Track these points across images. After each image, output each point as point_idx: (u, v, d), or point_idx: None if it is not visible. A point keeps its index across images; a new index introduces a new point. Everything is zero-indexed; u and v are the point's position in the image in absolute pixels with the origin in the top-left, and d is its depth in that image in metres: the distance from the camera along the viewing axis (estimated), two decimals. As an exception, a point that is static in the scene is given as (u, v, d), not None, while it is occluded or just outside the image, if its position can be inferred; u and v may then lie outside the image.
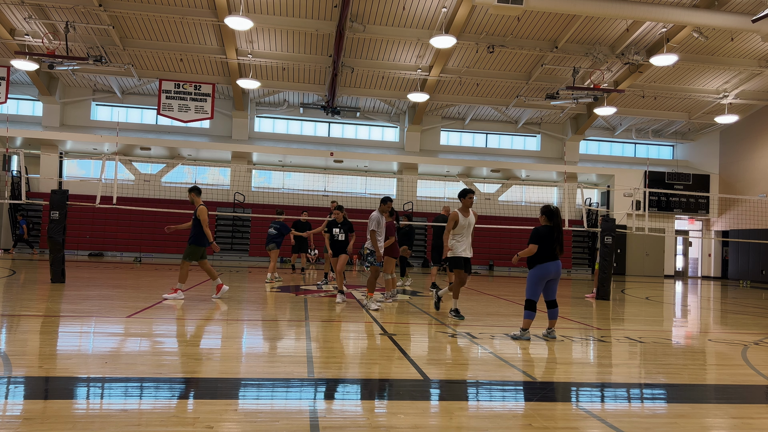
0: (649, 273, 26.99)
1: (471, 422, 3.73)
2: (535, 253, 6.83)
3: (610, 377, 5.23)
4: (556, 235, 6.89)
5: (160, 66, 22.86)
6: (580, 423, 3.81)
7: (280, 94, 25.84)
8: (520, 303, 11.22)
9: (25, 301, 8.57)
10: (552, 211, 6.99)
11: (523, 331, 6.85)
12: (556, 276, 6.91)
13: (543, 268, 6.82)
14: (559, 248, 6.88)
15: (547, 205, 7.12)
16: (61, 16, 19.48)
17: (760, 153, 25.63)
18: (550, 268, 6.82)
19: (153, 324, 6.98)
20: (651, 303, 13.00)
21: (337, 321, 7.88)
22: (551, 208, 7.03)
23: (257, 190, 26.59)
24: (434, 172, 27.66)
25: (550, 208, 7.01)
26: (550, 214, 6.98)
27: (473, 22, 19.53)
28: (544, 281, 6.89)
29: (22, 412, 3.59)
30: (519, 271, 25.15)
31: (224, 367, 4.94)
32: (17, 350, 5.24)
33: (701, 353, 6.60)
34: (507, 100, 25.05)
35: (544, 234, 6.88)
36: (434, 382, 4.72)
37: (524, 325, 6.86)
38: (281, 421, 3.58)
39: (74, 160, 25.77)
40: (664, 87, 23.78)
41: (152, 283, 12.33)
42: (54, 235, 11.19)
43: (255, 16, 19.01)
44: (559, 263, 6.90)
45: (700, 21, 17.22)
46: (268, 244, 13.30)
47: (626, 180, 26.05)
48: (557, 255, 6.87)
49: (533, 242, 6.87)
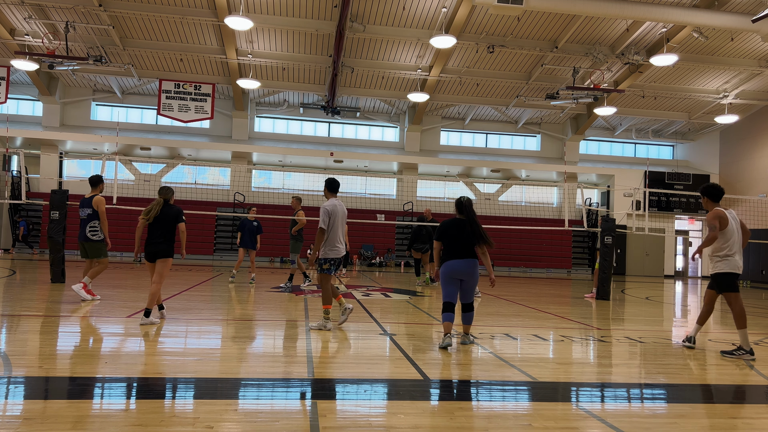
0: (649, 273, 26.99)
1: (471, 422, 3.73)
2: (442, 249, 6.17)
3: (610, 377, 5.23)
4: (469, 229, 6.08)
5: (160, 66, 22.86)
6: (580, 423, 3.81)
7: (280, 94, 25.84)
8: (520, 303, 11.23)
9: (25, 301, 8.57)
10: (462, 203, 6.23)
11: (443, 336, 6.07)
12: (466, 276, 6.08)
13: (447, 266, 6.09)
14: (482, 242, 6.12)
15: (459, 197, 6.36)
16: (61, 16, 19.48)
17: (760, 153, 25.63)
18: (455, 266, 6.05)
19: (153, 324, 6.97)
20: (651, 303, 13.00)
21: (336, 321, 7.87)
22: (461, 200, 6.26)
23: (257, 190, 26.60)
24: (434, 172, 27.67)
25: (461, 200, 6.26)
26: (461, 207, 6.24)
27: (473, 22, 19.53)
28: (453, 280, 6.10)
29: (22, 412, 3.59)
30: (519, 270, 25.15)
31: (224, 367, 4.93)
32: (17, 350, 5.24)
33: (701, 353, 6.60)
34: (507, 100, 25.05)
35: (445, 228, 6.18)
36: (434, 382, 4.72)
37: (443, 328, 6.11)
38: (281, 421, 3.58)
39: (74, 160, 25.77)
40: (664, 87, 23.78)
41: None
42: (54, 235, 11.19)
43: (255, 16, 19.01)
44: (468, 261, 6.06)
45: (700, 21, 17.22)
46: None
47: (626, 180, 26.05)
48: (469, 252, 6.07)
49: (435, 238, 6.26)
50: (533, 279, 20.76)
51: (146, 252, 7.09)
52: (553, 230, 25.04)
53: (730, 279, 6.53)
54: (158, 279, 6.98)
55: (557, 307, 10.81)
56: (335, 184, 7.24)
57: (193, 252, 24.07)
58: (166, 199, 7.17)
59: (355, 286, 13.25)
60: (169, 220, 7.04)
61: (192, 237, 24.31)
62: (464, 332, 6.42)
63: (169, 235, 7.04)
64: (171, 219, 7.05)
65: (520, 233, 24.99)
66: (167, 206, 7.14)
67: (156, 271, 7.02)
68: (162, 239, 7.00)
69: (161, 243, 6.98)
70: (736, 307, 6.49)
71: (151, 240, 7.05)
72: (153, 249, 7.02)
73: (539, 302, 11.63)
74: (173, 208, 7.17)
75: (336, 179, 7.27)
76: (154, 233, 7.04)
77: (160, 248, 6.99)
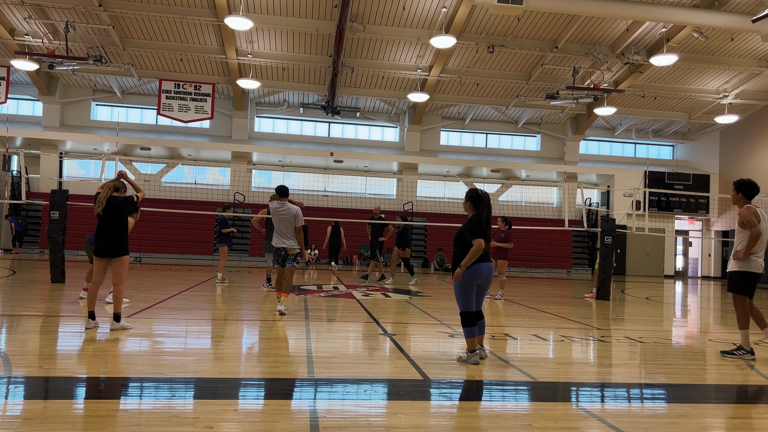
0: (649, 273, 26.98)
1: (471, 422, 3.73)
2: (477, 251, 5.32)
3: (610, 377, 5.23)
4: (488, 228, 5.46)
5: (160, 66, 22.86)
6: (580, 423, 3.81)
7: (280, 94, 25.83)
8: (521, 303, 11.23)
9: (25, 301, 8.57)
10: (480, 198, 5.49)
11: (469, 353, 5.41)
12: (487, 282, 5.48)
13: (475, 269, 5.33)
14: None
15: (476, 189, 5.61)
16: (61, 16, 19.48)
17: (760, 153, 25.63)
18: (482, 271, 5.37)
19: (153, 324, 6.98)
20: (651, 303, 13.00)
21: (337, 321, 7.89)
22: (480, 192, 5.53)
23: (257, 190, 26.59)
24: (434, 172, 27.66)
25: (479, 193, 5.52)
26: (479, 201, 5.49)
27: (473, 22, 19.52)
28: (475, 287, 5.41)
29: (22, 412, 3.59)
30: (519, 270, 25.15)
31: (224, 367, 4.93)
32: (17, 350, 5.24)
33: (701, 353, 6.60)
34: (507, 100, 25.05)
35: (482, 226, 5.44)
36: (434, 382, 4.72)
37: (468, 345, 5.45)
38: (281, 421, 3.58)
39: (74, 160, 25.78)
40: (664, 87, 23.78)
41: (152, 283, 12.33)
42: (54, 235, 11.19)
43: (255, 16, 19.01)
44: (490, 265, 5.46)
45: (700, 21, 17.22)
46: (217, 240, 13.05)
47: (626, 180, 26.05)
48: (488, 255, 5.50)
49: (479, 237, 5.33)
50: (533, 279, 20.77)
51: (96, 247, 6.46)
52: (553, 230, 25.04)
53: (747, 279, 6.21)
54: (118, 280, 6.50)
55: (557, 307, 10.81)
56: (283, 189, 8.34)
57: (193, 252, 24.08)
58: (118, 188, 6.57)
59: (355, 286, 13.25)
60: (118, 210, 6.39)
61: (192, 237, 24.44)
62: (479, 343, 5.58)
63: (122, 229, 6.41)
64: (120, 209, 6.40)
65: (520, 233, 24.96)
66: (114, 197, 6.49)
67: (114, 272, 6.51)
68: (113, 234, 6.38)
69: (113, 239, 6.37)
70: (740, 309, 6.31)
71: (102, 235, 6.40)
72: (104, 245, 6.41)
73: (539, 302, 11.63)
74: (119, 197, 6.53)
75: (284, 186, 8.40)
76: (104, 227, 6.40)
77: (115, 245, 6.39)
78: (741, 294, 6.26)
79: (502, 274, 11.94)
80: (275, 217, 8.18)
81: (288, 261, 8.17)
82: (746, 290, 6.24)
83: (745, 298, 6.27)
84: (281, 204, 8.22)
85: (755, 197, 6.39)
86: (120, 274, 6.50)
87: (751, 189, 6.35)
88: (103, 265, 6.47)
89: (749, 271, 6.19)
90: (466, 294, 5.35)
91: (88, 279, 8.88)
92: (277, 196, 8.34)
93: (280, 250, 8.19)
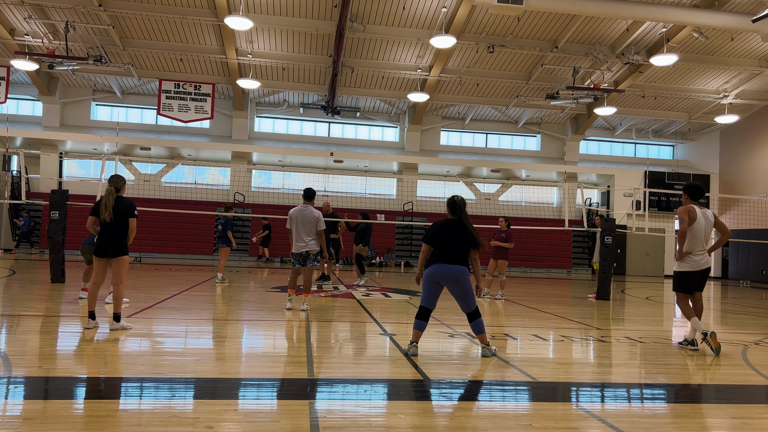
0: (649, 273, 26.98)
1: (471, 422, 3.73)
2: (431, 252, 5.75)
3: (610, 377, 5.23)
4: (463, 232, 5.67)
5: (160, 66, 22.86)
6: (580, 423, 3.81)
7: (280, 94, 25.84)
8: (521, 303, 11.23)
9: (25, 301, 8.57)
10: (456, 203, 5.76)
11: (410, 345, 5.75)
12: (451, 283, 5.62)
13: (434, 268, 5.66)
14: (477, 246, 5.68)
15: (451, 197, 5.91)
16: (61, 16, 19.48)
17: (760, 153, 25.63)
18: (441, 271, 5.61)
19: (153, 324, 6.98)
20: (651, 303, 13.00)
21: (337, 321, 7.89)
22: (455, 199, 5.80)
23: (257, 190, 26.60)
24: (434, 172, 27.67)
25: (454, 200, 5.80)
26: (454, 207, 5.77)
27: (473, 22, 19.53)
28: (435, 285, 5.71)
29: (22, 412, 3.58)
30: (519, 270, 25.15)
31: (224, 367, 4.93)
32: (17, 350, 5.23)
33: (701, 353, 6.60)
34: (507, 100, 25.05)
35: (438, 230, 5.73)
36: (434, 382, 4.72)
37: (412, 336, 5.81)
38: (281, 421, 3.58)
39: (74, 160, 25.78)
40: (664, 87, 23.78)
41: (152, 283, 12.33)
42: (54, 235, 11.19)
43: (255, 16, 19.02)
44: (457, 268, 5.57)
45: (700, 21, 17.22)
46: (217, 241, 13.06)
47: (626, 180, 26.05)
48: (459, 258, 5.60)
49: (426, 241, 5.78)
50: (533, 279, 20.76)
51: (96, 247, 6.42)
52: (553, 230, 25.04)
53: (683, 278, 6.78)
54: (118, 280, 6.47)
55: (557, 307, 10.81)
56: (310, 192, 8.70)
57: (193, 252, 24.08)
58: (118, 188, 6.51)
59: (355, 286, 13.25)
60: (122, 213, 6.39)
61: (192, 237, 24.43)
62: (481, 343, 5.78)
63: (122, 229, 6.41)
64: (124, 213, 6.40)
65: (520, 233, 24.96)
66: (120, 199, 6.48)
67: (114, 272, 6.47)
68: (113, 234, 6.36)
69: (114, 239, 6.34)
70: (681, 305, 6.82)
71: (103, 236, 6.35)
72: (104, 245, 6.36)
73: (539, 302, 11.63)
74: (125, 200, 6.53)
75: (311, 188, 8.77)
76: (106, 228, 6.36)
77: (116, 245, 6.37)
78: (681, 292, 6.84)
79: (503, 274, 11.94)
80: (298, 219, 8.43)
81: (309, 261, 8.47)
82: (686, 289, 6.80)
83: (685, 295, 6.82)
84: (305, 207, 8.53)
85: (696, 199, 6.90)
86: (120, 274, 6.47)
87: (695, 191, 6.85)
88: (103, 265, 6.47)
89: (686, 270, 6.81)
90: (424, 291, 5.80)
91: (85, 279, 8.93)
92: (307, 200, 8.67)
93: (302, 252, 8.47)
